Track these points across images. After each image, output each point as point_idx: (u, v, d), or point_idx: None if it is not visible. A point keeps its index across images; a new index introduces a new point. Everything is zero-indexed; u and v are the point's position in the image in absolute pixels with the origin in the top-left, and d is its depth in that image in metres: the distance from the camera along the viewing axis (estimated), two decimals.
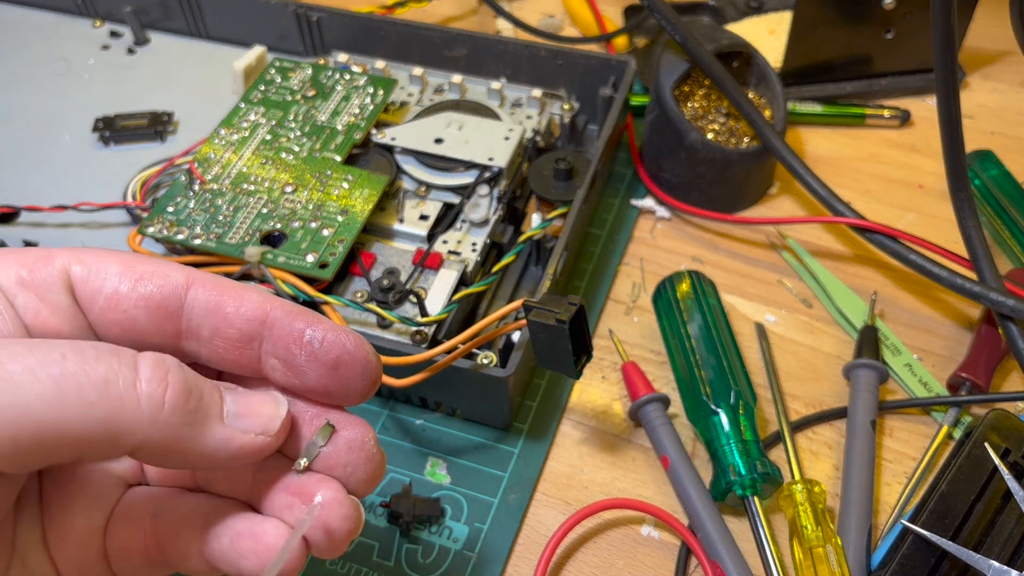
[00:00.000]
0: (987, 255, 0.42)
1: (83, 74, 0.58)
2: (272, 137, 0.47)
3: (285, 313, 0.24)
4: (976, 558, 0.33)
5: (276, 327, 0.24)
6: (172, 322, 0.24)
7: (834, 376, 0.44)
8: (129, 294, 0.23)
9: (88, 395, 0.20)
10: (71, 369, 0.20)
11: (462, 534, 0.39)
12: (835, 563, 0.35)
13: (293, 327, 0.24)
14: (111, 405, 0.20)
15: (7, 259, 0.23)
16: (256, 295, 0.24)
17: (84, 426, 0.20)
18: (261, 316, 0.24)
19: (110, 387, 0.20)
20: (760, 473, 0.37)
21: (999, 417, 0.37)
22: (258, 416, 0.23)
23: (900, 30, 0.54)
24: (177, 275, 0.24)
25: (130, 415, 0.20)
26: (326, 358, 0.24)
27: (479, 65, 0.54)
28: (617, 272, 0.49)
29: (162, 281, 0.23)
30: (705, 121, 0.51)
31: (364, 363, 0.24)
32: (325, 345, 0.24)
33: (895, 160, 0.55)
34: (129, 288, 0.23)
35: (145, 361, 0.21)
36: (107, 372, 0.20)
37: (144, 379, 0.21)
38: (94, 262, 0.23)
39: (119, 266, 0.23)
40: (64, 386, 0.19)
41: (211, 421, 0.22)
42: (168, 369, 0.21)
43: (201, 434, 0.22)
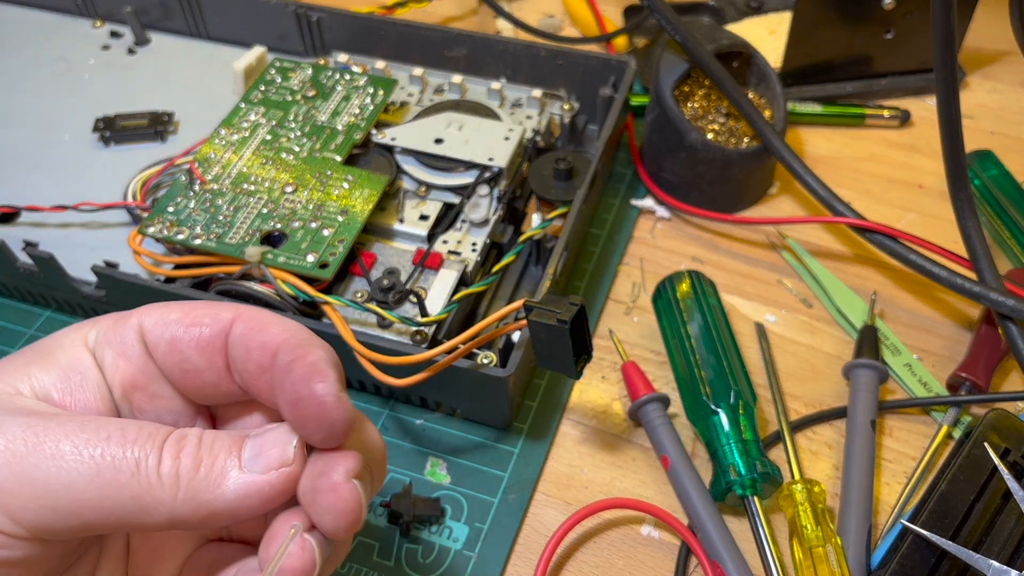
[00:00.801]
0: (987, 255, 0.42)
1: (83, 74, 0.58)
2: (272, 137, 0.47)
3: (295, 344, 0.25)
4: (976, 558, 0.33)
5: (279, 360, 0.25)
6: (220, 357, 0.26)
7: (834, 376, 0.44)
8: (183, 337, 0.26)
9: (121, 475, 0.23)
10: (112, 451, 0.23)
11: (462, 534, 0.39)
12: (835, 563, 0.35)
13: (281, 361, 0.25)
14: (139, 484, 0.23)
15: (101, 323, 0.27)
16: (277, 328, 0.26)
17: (117, 502, 0.23)
18: (273, 348, 0.25)
19: (140, 468, 0.23)
20: (760, 473, 0.37)
21: (999, 417, 0.37)
22: (275, 451, 0.25)
23: (900, 30, 0.55)
24: (226, 313, 0.26)
25: (156, 492, 0.23)
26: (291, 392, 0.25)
27: (479, 65, 0.54)
28: (617, 272, 0.49)
29: (211, 321, 0.26)
30: (705, 121, 0.51)
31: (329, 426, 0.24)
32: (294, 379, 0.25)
33: (895, 160, 0.55)
34: (184, 331, 0.26)
35: (169, 442, 0.24)
36: (139, 454, 0.23)
37: (164, 460, 0.23)
38: (160, 314, 0.26)
39: (179, 313, 0.26)
40: (103, 467, 0.23)
41: (229, 473, 0.24)
42: (183, 446, 0.24)
43: (220, 488, 0.24)
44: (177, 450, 0.24)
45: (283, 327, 0.26)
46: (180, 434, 0.24)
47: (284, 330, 0.25)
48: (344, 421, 0.24)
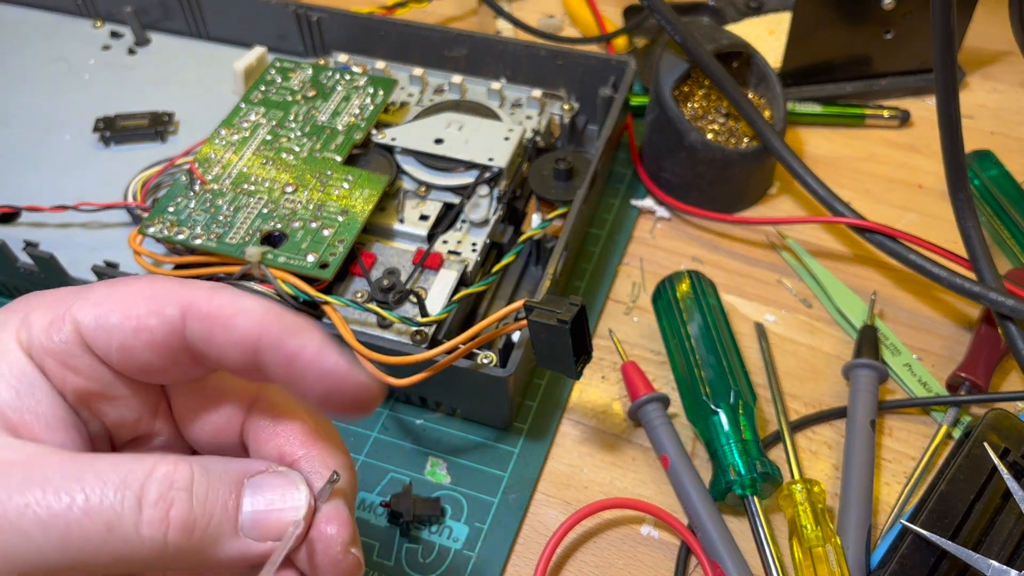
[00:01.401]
0: (986, 255, 0.42)
1: (84, 74, 0.58)
2: (272, 137, 0.47)
3: (273, 341, 0.23)
4: (975, 558, 0.33)
5: (267, 356, 0.24)
6: (182, 354, 0.24)
7: (834, 376, 0.44)
8: (135, 343, 0.24)
9: (93, 540, 0.21)
10: (76, 515, 0.20)
11: (462, 534, 0.39)
12: (834, 563, 0.35)
13: (285, 352, 0.23)
14: (116, 548, 0.21)
15: (31, 319, 0.24)
16: (244, 320, 0.24)
17: (94, 562, 0.21)
18: (252, 344, 0.24)
19: (114, 532, 0.21)
20: (760, 473, 0.37)
21: (998, 417, 0.37)
22: (274, 524, 0.23)
23: (900, 30, 0.55)
24: (171, 309, 0.24)
25: (134, 553, 0.21)
26: (318, 389, 0.24)
27: (479, 65, 0.54)
28: (617, 272, 0.49)
29: (157, 322, 0.24)
30: (705, 121, 0.51)
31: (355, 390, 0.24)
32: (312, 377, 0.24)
33: (895, 160, 0.55)
34: (132, 337, 0.24)
35: (149, 495, 0.21)
36: (110, 516, 0.21)
37: (145, 521, 0.21)
38: (97, 314, 0.24)
39: (119, 315, 0.24)
40: (71, 532, 0.20)
41: (222, 539, 0.22)
42: (172, 502, 0.21)
43: (213, 552, 0.22)
44: (165, 507, 0.21)
45: (248, 317, 0.23)
46: (164, 484, 0.21)
47: (252, 322, 0.23)
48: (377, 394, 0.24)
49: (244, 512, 0.23)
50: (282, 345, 0.23)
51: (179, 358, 0.24)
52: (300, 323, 0.24)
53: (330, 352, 0.23)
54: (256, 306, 0.24)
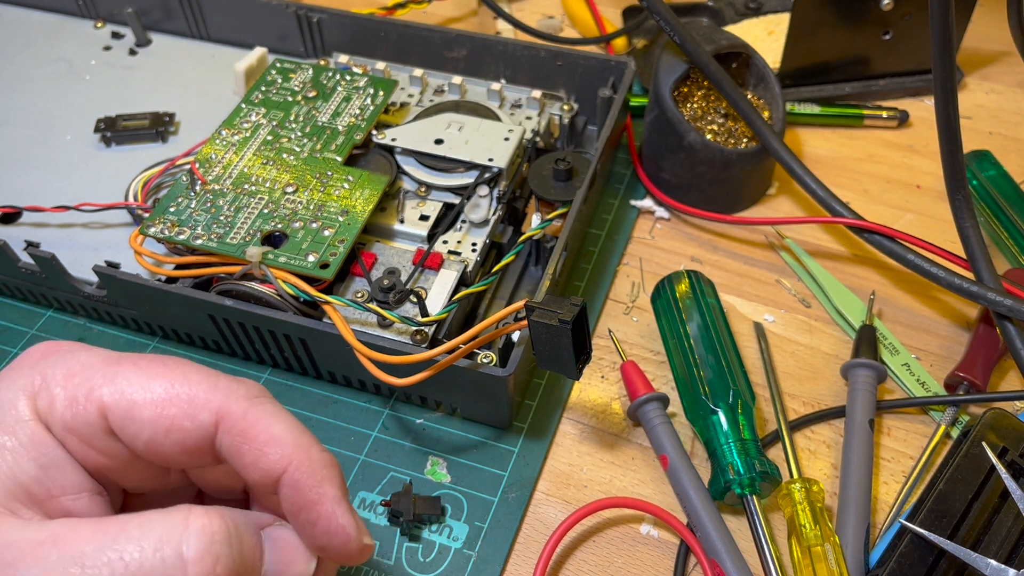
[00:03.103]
0: (985, 255, 0.42)
1: (85, 75, 0.58)
2: (273, 138, 0.47)
3: (295, 480, 0.24)
4: (974, 557, 0.33)
5: (285, 491, 0.25)
6: (206, 456, 0.25)
7: (832, 375, 0.44)
8: (164, 441, 0.24)
9: None
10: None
11: (462, 533, 0.39)
12: (833, 562, 0.35)
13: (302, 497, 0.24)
14: None
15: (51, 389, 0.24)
16: (274, 452, 0.24)
17: None
18: (276, 476, 0.24)
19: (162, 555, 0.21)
20: (758, 472, 0.37)
21: (997, 416, 0.37)
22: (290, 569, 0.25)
23: (898, 31, 0.55)
24: (205, 416, 0.24)
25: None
26: (315, 541, 0.25)
27: (479, 66, 0.54)
28: (616, 272, 0.49)
29: (191, 426, 0.24)
30: (704, 122, 0.51)
31: (345, 555, 0.25)
32: (316, 531, 0.25)
33: (893, 160, 0.55)
34: (163, 436, 0.24)
35: (191, 550, 0.21)
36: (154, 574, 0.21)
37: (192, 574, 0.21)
38: (128, 407, 0.24)
39: (151, 412, 0.24)
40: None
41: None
42: (218, 556, 0.22)
43: None
44: (212, 562, 0.22)
45: (279, 449, 0.24)
46: (206, 532, 0.22)
47: (282, 455, 0.24)
48: (366, 556, 0.25)
49: (266, 565, 0.24)
50: (299, 491, 0.24)
51: (203, 459, 0.25)
52: (323, 471, 0.25)
53: (343, 512, 0.25)
54: (287, 435, 0.24)
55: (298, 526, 0.25)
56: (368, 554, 0.26)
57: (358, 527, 0.25)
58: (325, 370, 0.43)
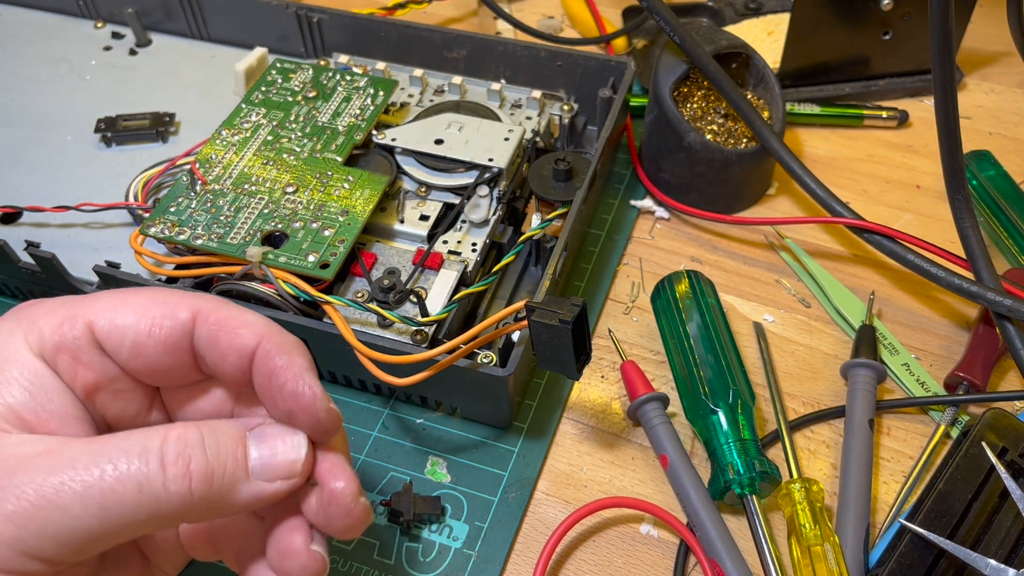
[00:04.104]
0: (984, 255, 0.42)
1: (85, 75, 0.58)
2: (273, 138, 0.47)
3: (266, 351, 0.26)
4: (973, 556, 0.33)
5: (257, 364, 0.26)
6: (187, 355, 0.27)
7: (832, 375, 0.44)
8: (147, 341, 0.26)
9: (128, 503, 0.23)
10: (109, 483, 0.23)
11: (462, 532, 0.39)
12: (833, 561, 0.35)
13: (270, 365, 0.26)
14: (149, 506, 0.23)
15: (39, 324, 0.26)
16: (247, 331, 0.26)
17: (131, 522, 0.23)
18: (249, 352, 0.26)
19: (144, 491, 0.23)
20: (758, 472, 0.37)
21: (996, 416, 0.37)
22: (280, 466, 0.26)
23: (898, 31, 0.55)
24: (183, 313, 0.26)
25: (166, 508, 0.24)
26: (283, 406, 0.26)
27: (479, 66, 0.54)
28: (616, 272, 0.49)
29: (171, 323, 0.26)
30: (704, 122, 0.51)
31: (313, 419, 0.27)
32: (283, 394, 0.26)
33: (893, 161, 0.55)
34: (146, 336, 0.26)
35: (168, 454, 0.24)
36: (140, 478, 0.23)
37: (170, 477, 0.24)
38: (112, 316, 0.26)
39: (133, 316, 0.26)
40: (106, 499, 0.23)
41: (238, 484, 0.25)
42: (190, 457, 0.24)
43: (231, 496, 0.25)
44: (184, 463, 0.24)
45: (251, 329, 0.26)
46: (180, 445, 0.24)
47: (254, 333, 0.26)
48: (335, 423, 0.27)
49: (252, 459, 0.25)
50: (269, 358, 0.26)
51: (183, 359, 0.27)
52: (292, 344, 0.27)
53: (308, 376, 0.26)
54: (258, 320, 0.27)
55: (268, 397, 0.27)
56: (337, 422, 0.27)
57: (324, 394, 0.26)
58: (325, 370, 0.43)
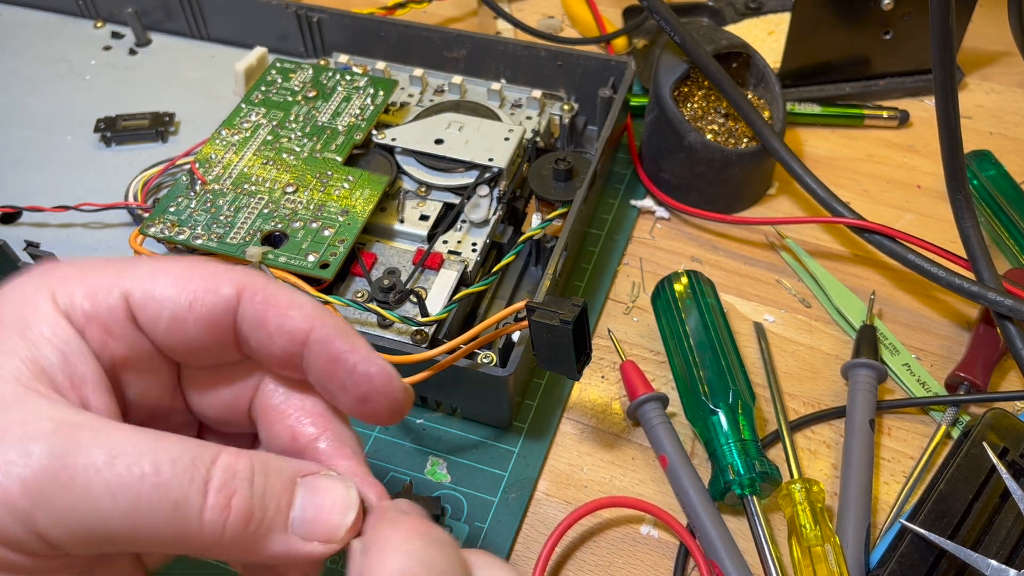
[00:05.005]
0: (985, 255, 0.42)
1: (85, 75, 0.58)
2: (273, 138, 0.47)
3: (323, 337, 0.24)
4: (974, 557, 0.33)
5: (314, 351, 0.24)
6: (227, 334, 0.25)
7: (832, 376, 0.44)
8: (187, 317, 0.24)
9: (159, 517, 0.21)
10: (146, 488, 0.21)
11: (462, 533, 0.39)
12: (833, 562, 0.35)
13: (333, 350, 0.24)
14: (178, 527, 0.21)
15: (70, 285, 0.24)
16: (299, 313, 0.24)
17: (152, 537, 0.21)
18: (302, 337, 0.24)
19: (179, 511, 0.21)
20: (758, 472, 0.37)
21: (997, 416, 0.37)
22: (323, 527, 0.23)
23: (899, 31, 0.55)
24: (227, 289, 0.24)
25: (192, 534, 0.21)
26: (355, 392, 0.25)
27: (479, 66, 0.54)
28: (616, 272, 0.49)
29: (214, 299, 0.24)
30: (704, 122, 0.51)
31: (391, 400, 0.25)
32: (355, 378, 0.24)
33: (893, 160, 0.55)
34: (186, 311, 0.24)
35: (214, 481, 0.22)
36: (178, 495, 0.21)
37: (209, 506, 0.21)
38: (149, 287, 0.24)
39: (173, 288, 0.24)
40: (139, 505, 0.21)
41: (273, 534, 0.23)
42: (235, 491, 0.22)
43: (262, 545, 0.23)
44: (227, 495, 0.22)
45: (302, 311, 0.24)
46: (228, 474, 0.22)
47: (305, 316, 0.24)
48: (411, 401, 0.25)
49: (295, 509, 0.23)
50: (331, 343, 0.24)
51: (223, 338, 0.25)
52: (348, 327, 0.25)
53: (376, 356, 0.24)
54: (307, 302, 0.25)
55: (332, 383, 0.25)
56: (411, 400, 0.26)
57: (395, 373, 0.25)
58: None
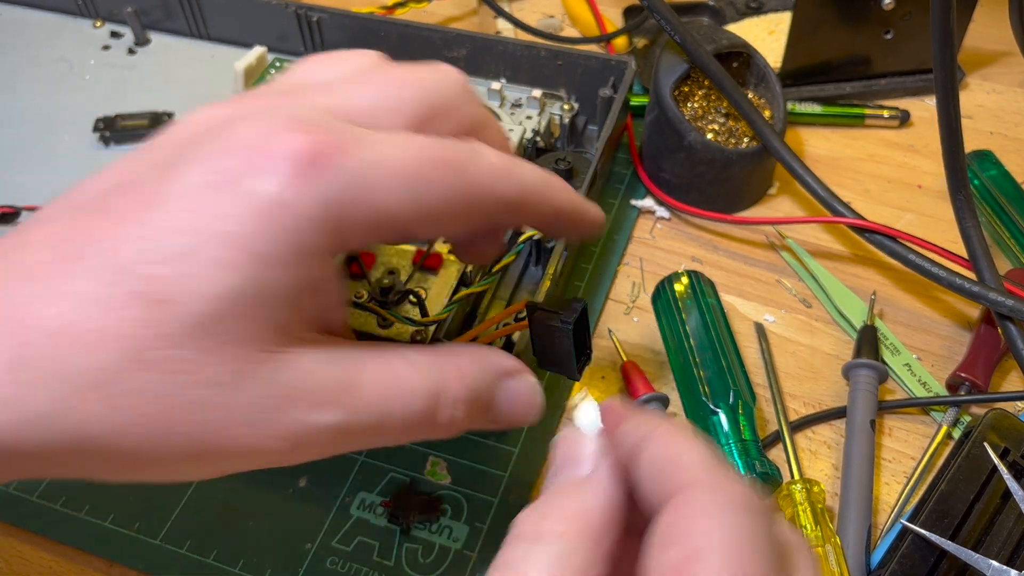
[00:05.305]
0: (986, 255, 0.42)
1: (84, 74, 0.58)
2: None
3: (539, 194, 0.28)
4: (975, 557, 0.33)
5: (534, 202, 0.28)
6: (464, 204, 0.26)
7: (833, 376, 0.44)
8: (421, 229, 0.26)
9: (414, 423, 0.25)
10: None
11: (462, 534, 0.39)
12: (834, 563, 0.35)
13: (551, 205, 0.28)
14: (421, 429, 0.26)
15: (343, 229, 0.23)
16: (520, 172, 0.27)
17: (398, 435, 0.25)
18: (523, 196, 0.27)
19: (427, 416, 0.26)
20: (759, 473, 0.37)
21: (998, 417, 0.37)
22: (518, 419, 0.28)
23: (899, 31, 0.55)
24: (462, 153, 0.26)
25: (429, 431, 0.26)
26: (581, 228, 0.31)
27: (479, 65, 0.54)
28: (617, 272, 0.49)
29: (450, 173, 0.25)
30: (704, 121, 0.51)
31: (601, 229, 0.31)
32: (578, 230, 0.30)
33: (894, 160, 0.55)
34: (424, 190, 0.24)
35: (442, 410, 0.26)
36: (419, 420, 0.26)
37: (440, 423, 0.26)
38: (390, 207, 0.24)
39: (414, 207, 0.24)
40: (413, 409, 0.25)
41: (474, 425, 0.27)
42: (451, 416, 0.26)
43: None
44: (450, 415, 0.26)
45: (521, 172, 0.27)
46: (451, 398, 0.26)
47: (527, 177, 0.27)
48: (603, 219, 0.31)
49: (496, 410, 0.28)
50: (547, 199, 0.28)
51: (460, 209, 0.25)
52: (558, 184, 0.28)
53: (584, 203, 0.30)
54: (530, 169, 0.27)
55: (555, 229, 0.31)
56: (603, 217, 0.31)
57: (592, 204, 0.30)
58: None
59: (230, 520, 0.39)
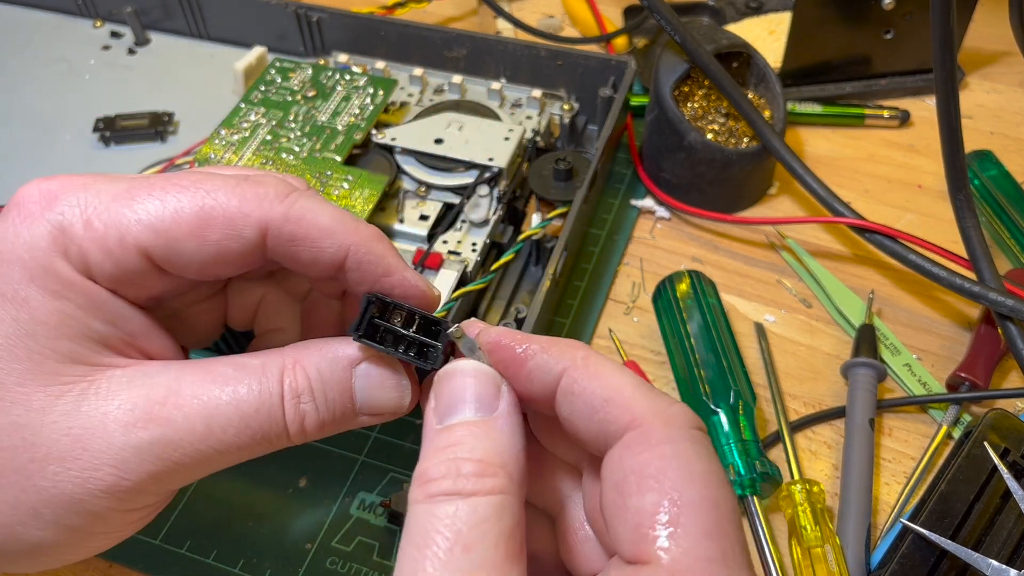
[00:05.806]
0: (986, 255, 0.42)
1: (84, 74, 0.58)
2: (272, 137, 0.47)
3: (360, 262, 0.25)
4: (975, 557, 0.33)
5: (351, 276, 0.26)
6: (262, 262, 0.26)
7: (833, 376, 0.44)
8: (214, 264, 0.24)
9: (251, 425, 0.24)
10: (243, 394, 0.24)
11: None
12: (834, 563, 0.35)
13: (368, 276, 0.26)
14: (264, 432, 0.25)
15: (81, 244, 0.23)
16: (331, 242, 0.25)
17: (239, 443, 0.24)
18: (339, 263, 0.25)
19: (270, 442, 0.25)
20: (759, 473, 0.37)
21: (998, 417, 0.37)
22: (386, 406, 0.26)
23: (899, 30, 0.55)
24: (249, 232, 0.24)
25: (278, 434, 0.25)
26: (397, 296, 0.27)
27: (479, 65, 0.54)
28: (617, 272, 0.49)
29: (239, 245, 0.24)
30: (705, 121, 0.51)
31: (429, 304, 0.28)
32: (396, 293, 0.26)
33: (894, 160, 0.55)
34: (213, 262, 0.24)
35: (288, 412, 0.25)
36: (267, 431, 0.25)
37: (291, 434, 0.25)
38: (166, 242, 0.24)
39: (194, 243, 0.24)
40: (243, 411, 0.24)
41: (346, 424, 0.26)
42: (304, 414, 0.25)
43: (341, 429, 0.26)
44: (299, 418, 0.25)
45: (334, 239, 0.25)
46: (293, 395, 0.25)
47: (339, 245, 0.25)
48: (439, 300, 0.28)
49: (358, 400, 0.26)
50: (368, 268, 0.25)
51: (258, 264, 0.25)
52: (378, 246, 0.25)
53: (411, 273, 0.26)
54: (337, 225, 0.25)
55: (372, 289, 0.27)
56: (439, 297, 0.28)
57: (426, 282, 0.27)
58: None
59: (230, 520, 0.39)
